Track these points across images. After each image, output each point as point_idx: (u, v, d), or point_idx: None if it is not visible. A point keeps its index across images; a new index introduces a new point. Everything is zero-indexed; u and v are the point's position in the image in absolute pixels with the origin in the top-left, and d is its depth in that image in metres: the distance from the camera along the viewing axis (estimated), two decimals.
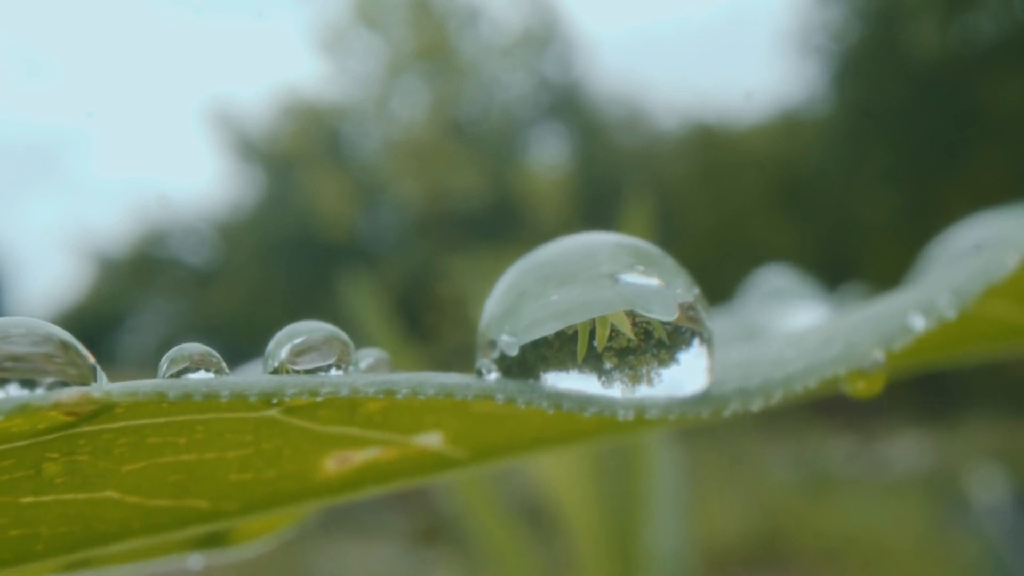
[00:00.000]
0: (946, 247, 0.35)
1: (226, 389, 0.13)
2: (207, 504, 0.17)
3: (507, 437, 0.20)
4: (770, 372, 0.18)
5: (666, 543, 0.68)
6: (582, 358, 0.16)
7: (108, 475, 0.15)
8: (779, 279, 0.44)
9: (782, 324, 0.38)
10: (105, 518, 0.16)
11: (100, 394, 0.12)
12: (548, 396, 0.15)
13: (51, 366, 0.13)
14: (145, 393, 0.13)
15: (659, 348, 0.16)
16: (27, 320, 0.13)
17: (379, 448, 0.18)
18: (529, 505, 1.01)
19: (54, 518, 0.15)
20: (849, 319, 0.23)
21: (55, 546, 0.16)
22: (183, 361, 0.15)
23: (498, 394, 0.15)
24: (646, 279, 0.17)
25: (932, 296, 0.21)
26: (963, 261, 0.26)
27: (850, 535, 2.71)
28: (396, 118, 7.72)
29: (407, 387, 0.14)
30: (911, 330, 0.19)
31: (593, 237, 0.18)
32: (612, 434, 0.23)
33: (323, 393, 0.13)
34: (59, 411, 0.12)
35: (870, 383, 0.20)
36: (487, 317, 0.18)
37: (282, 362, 0.15)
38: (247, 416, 0.15)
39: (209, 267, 10.32)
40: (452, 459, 0.20)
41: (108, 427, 0.14)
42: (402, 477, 0.20)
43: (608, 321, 0.16)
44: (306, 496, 0.19)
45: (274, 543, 0.26)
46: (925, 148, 6.33)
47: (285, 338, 0.15)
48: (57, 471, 0.14)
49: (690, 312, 0.17)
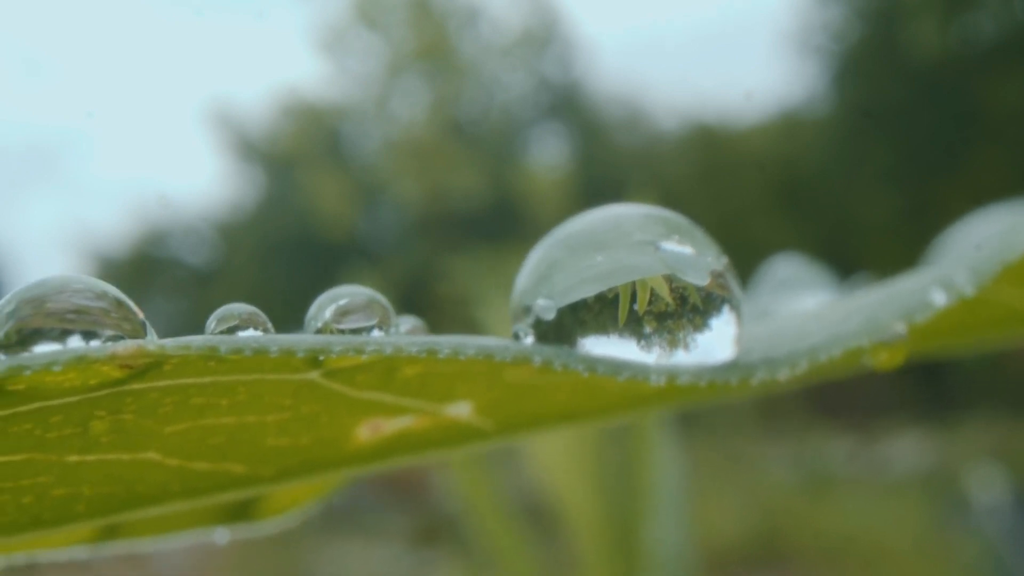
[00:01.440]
0: (950, 246, 0.35)
1: (275, 345, 0.13)
2: (244, 469, 0.17)
3: (535, 409, 0.21)
4: (795, 343, 0.19)
5: (667, 542, 0.68)
6: (624, 321, 0.16)
7: (151, 436, 0.15)
8: (790, 268, 0.44)
9: (796, 309, 0.39)
10: (146, 479, 0.16)
11: (154, 347, 0.13)
12: (584, 360, 0.16)
13: (109, 320, 0.13)
14: (198, 347, 0.13)
15: (694, 313, 0.16)
16: (83, 277, 0.13)
17: (411, 417, 0.19)
18: (530, 504, 1.01)
19: (98, 478, 0.16)
20: (870, 296, 0.23)
21: (96, 507, 0.16)
22: (232, 319, 0.15)
23: (536, 356, 0.15)
24: (680, 246, 0.17)
25: (951, 274, 0.21)
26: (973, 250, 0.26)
27: (850, 535, 2.71)
28: (396, 118, 7.72)
29: (448, 347, 0.14)
30: (932, 305, 0.20)
31: (621, 208, 0.19)
32: (637, 407, 0.23)
33: (368, 351, 0.14)
34: (114, 364, 0.13)
35: (892, 355, 0.20)
36: (519, 288, 0.18)
37: (326, 322, 0.16)
38: (289, 379, 0.15)
39: (209, 267, 10.32)
40: (480, 431, 0.20)
41: (155, 385, 0.14)
42: (431, 448, 0.20)
43: (648, 285, 0.16)
44: (338, 464, 0.19)
45: (296, 521, 0.26)
46: (925, 148, 6.34)
47: (328, 301, 0.16)
48: (103, 429, 0.15)
49: (720, 280, 0.17)
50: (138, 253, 10.35)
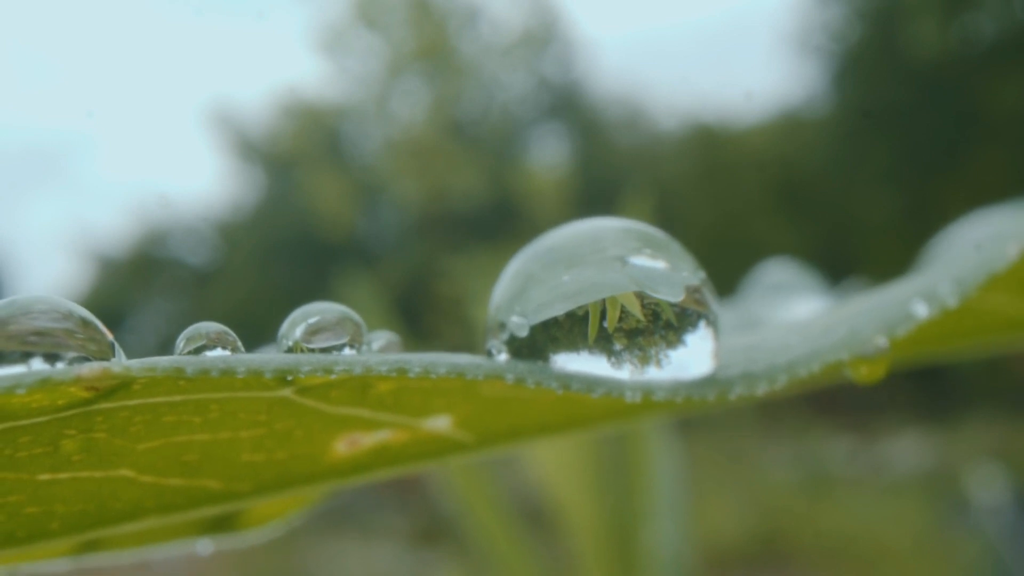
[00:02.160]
0: (946, 245, 0.35)
1: (242, 366, 0.13)
2: (219, 484, 0.17)
3: (514, 422, 0.21)
4: (774, 357, 0.19)
5: (666, 543, 0.68)
6: (593, 338, 0.16)
7: (124, 453, 0.15)
8: (781, 272, 0.44)
9: (785, 316, 0.38)
10: (120, 496, 0.16)
11: (120, 369, 0.13)
12: (557, 377, 0.16)
13: (73, 341, 0.13)
14: (164, 369, 0.13)
15: (667, 329, 0.16)
16: (48, 297, 0.13)
17: (389, 431, 0.19)
18: (529, 505, 1.01)
19: (70, 495, 0.15)
20: (852, 306, 0.23)
21: (70, 524, 0.16)
22: (200, 339, 0.15)
23: (508, 374, 0.15)
24: (653, 262, 0.17)
25: (934, 284, 0.21)
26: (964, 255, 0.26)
27: (850, 535, 2.71)
28: (396, 118, 7.71)
29: (419, 366, 0.14)
30: (913, 317, 0.19)
31: (598, 222, 0.19)
32: (617, 419, 0.23)
33: (337, 371, 0.14)
34: (79, 386, 0.13)
35: (873, 369, 0.20)
36: (496, 301, 0.18)
37: (297, 341, 0.15)
38: (261, 396, 0.15)
39: (209, 267, 10.32)
40: (460, 443, 0.20)
41: (125, 404, 0.14)
42: (411, 461, 0.20)
43: (618, 302, 0.16)
44: (316, 478, 0.19)
45: (281, 530, 0.26)
46: (925, 148, 6.33)
47: (299, 318, 0.16)
48: (75, 448, 0.15)
49: (696, 295, 0.17)
50: (138, 253, 10.35)
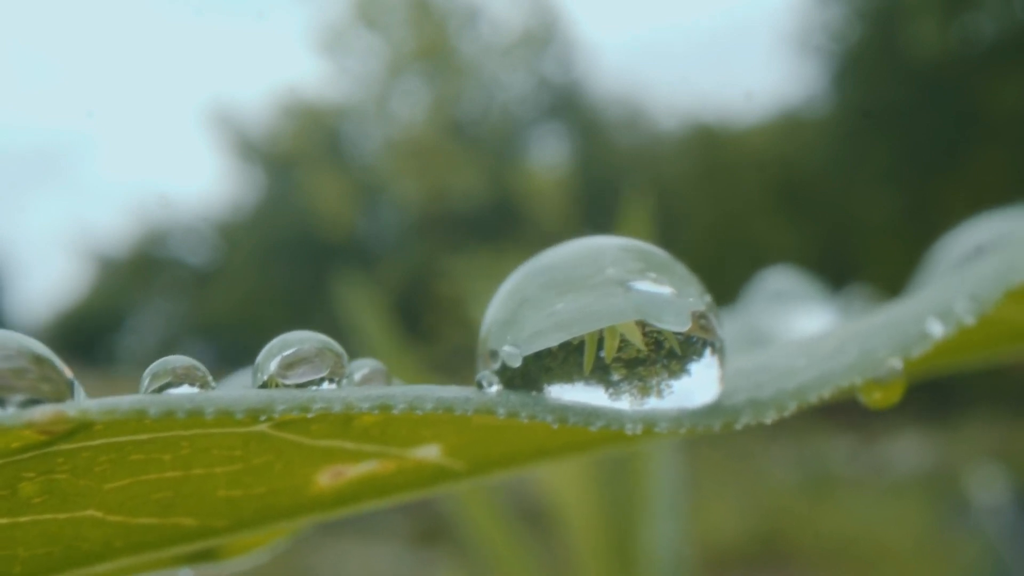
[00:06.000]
0: (948, 251, 0.34)
1: (211, 405, 0.12)
2: (194, 521, 0.16)
3: (508, 449, 0.20)
4: (782, 382, 0.18)
5: (666, 544, 0.68)
6: (588, 370, 0.15)
7: (89, 493, 0.14)
8: (783, 281, 0.43)
9: (787, 327, 0.38)
10: (87, 537, 0.15)
11: (75, 412, 0.12)
12: (552, 410, 0.15)
13: (21, 382, 0.12)
14: (124, 411, 0.12)
15: (669, 359, 0.15)
16: (1, 333, 0.12)
17: (375, 461, 0.18)
18: (529, 506, 1.01)
19: (32, 539, 0.15)
20: (862, 324, 0.22)
21: (34, 568, 0.15)
22: (166, 376, 0.14)
23: (500, 408, 0.14)
24: (657, 287, 0.16)
25: (949, 301, 0.20)
26: (973, 264, 0.25)
27: (850, 535, 2.71)
28: (396, 118, 7.71)
29: (404, 402, 0.13)
30: (929, 336, 0.18)
31: (599, 241, 0.18)
32: (616, 445, 0.22)
33: (315, 409, 0.13)
34: (32, 430, 0.12)
35: (887, 393, 0.19)
36: (488, 325, 0.17)
37: (271, 375, 0.14)
38: (235, 431, 0.14)
39: (209, 267, 10.32)
40: (451, 471, 0.19)
41: (88, 444, 0.13)
42: (399, 491, 0.19)
43: (617, 331, 0.15)
44: (299, 511, 0.18)
45: (268, 556, 0.25)
46: (925, 148, 6.33)
47: (276, 349, 0.15)
48: (34, 491, 0.14)
49: (702, 321, 0.16)
50: (138, 253, 10.35)
